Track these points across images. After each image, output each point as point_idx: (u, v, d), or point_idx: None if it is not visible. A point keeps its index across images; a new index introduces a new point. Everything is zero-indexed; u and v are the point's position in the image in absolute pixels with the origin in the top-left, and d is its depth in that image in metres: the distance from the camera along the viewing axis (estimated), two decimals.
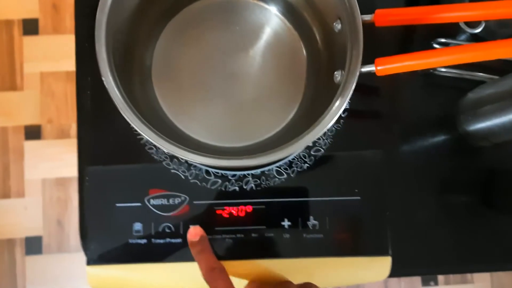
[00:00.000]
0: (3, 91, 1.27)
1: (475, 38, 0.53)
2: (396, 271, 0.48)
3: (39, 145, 1.26)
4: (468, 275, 1.28)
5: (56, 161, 1.25)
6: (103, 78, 0.40)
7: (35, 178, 1.25)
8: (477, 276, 1.28)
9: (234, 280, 0.43)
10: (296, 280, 0.44)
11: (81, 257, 0.48)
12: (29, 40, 1.29)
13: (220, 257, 0.47)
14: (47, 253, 1.23)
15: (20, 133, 1.26)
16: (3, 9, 1.29)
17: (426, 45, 0.53)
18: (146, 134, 0.40)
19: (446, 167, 0.52)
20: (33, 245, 1.23)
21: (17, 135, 1.26)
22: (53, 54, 1.28)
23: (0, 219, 1.24)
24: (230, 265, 0.47)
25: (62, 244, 1.24)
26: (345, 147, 0.50)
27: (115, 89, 0.40)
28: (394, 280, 1.26)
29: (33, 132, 1.26)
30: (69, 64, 1.28)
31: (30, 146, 1.26)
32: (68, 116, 1.27)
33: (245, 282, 0.46)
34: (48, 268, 1.23)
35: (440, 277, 1.28)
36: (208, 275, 0.41)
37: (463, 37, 0.53)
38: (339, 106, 0.41)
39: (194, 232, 0.46)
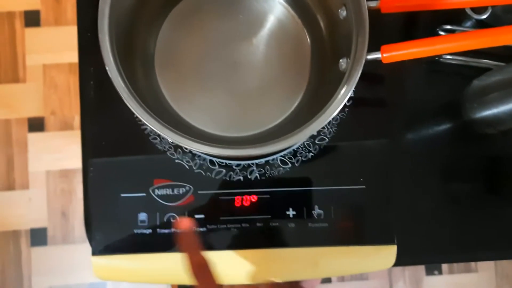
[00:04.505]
0: (6, 83, 1.27)
1: (481, 25, 0.52)
2: (401, 260, 0.48)
3: (42, 137, 1.26)
4: (472, 264, 1.28)
5: (59, 153, 1.26)
6: (106, 68, 0.40)
7: (39, 170, 1.25)
8: (481, 265, 1.28)
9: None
10: (301, 270, 0.44)
11: (86, 248, 0.47)
12: (31, 32, 1.28)
13: (225, 247, 0.47)
14: (52, 245, 1.24)
15: (24, 125, 1.26)
16: (4, 1, 1.29)
17: (431, 32, 0.52)
18: (150, 123, 0.39)
19: (451, 155, 0.52)
20: (38, 237, 1.24)
21: (20, 127, 1.26)
22: (55, 46, 1.28)
23: (5, 211, 1.24)
24: (236, 255, 0.47)
25: (67, 235, 1.24)
26: (350, 136, 0.50)
27: (119, 78, 0.40)
28: (398, 269, 1.27)
29: (36, 124, 1.26)
30: (72, 56, 1.28)
31: (34, 138, 1.26)
32: (71, 108, 1.27)
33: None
34: (53, 260, 1.24)
35: (444, 266, 1.28)
36: (197, 270, 0.38)
37: (469, 23, 0.52)
38: (345, 94, 0.40)
39: (185, 223, 0.41)
